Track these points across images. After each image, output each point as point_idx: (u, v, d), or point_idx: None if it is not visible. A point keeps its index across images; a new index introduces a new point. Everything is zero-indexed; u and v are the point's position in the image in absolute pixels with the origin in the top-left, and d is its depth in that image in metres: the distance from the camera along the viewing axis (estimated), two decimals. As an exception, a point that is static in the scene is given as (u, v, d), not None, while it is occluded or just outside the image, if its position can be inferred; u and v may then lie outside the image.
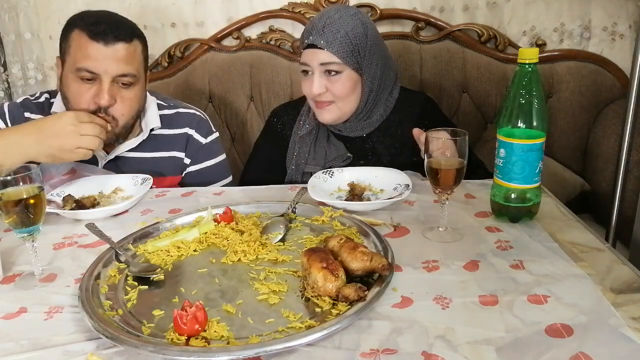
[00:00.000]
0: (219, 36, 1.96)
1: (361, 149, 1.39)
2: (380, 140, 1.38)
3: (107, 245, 0.92)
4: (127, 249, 0.93)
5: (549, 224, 0.97)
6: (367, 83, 1.31)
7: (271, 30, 1.97)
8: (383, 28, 1.93)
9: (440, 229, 0.95)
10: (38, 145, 1.13)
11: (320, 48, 1.26)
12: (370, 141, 1.39)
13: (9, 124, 1.30)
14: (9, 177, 0.82)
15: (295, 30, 1.95)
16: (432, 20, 1.89)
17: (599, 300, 0.71)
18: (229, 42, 1.99)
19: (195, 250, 0.93)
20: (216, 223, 1.00)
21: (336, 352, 0.64)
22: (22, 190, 0.83)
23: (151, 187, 1.30)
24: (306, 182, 1.15)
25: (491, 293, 0.74)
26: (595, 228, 1.47)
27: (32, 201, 0.82)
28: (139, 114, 1.35)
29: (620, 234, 1.52)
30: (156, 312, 0.74)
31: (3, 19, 2.03)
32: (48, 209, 1.01)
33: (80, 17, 1.23)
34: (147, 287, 0.81)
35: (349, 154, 1.37)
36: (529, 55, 0.91)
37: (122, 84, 1.24)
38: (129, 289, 0.81)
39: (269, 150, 1.47)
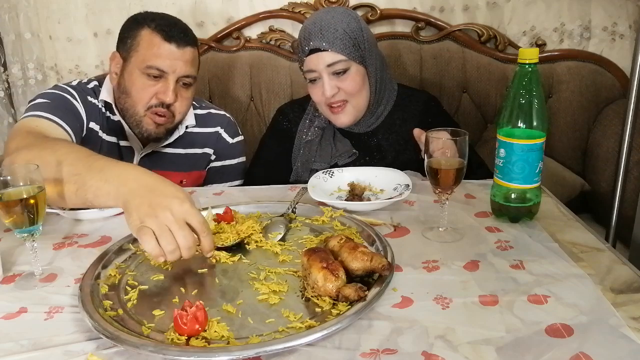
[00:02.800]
0: (219, 36, 1.96)
1: (366, 145, 1.40)
2: (385, 137, 1.39)
3: (107, 245, 0.92)
4: (127, 249, 0.93)
5: (549, 224, 0.97)
6: (373, 74, 1.33)
7: (271, 30, 1.96)
8: (383, 28, 1.93)
9: (440, 229, 0.95)
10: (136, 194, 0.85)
11: (323, 50, 1.26)
12: (376, 138, 1.40)
13: (79, 102, 1.32)
14: (9, 177, 0.82)
15: (295, 30, 1.95)
16: (432, 20, 1.89)
17: (599, 300, 0.71)
18: (229, 42, 1.99)
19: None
20: (216, 223, 1.00)
21: (336, 352, 0.64)
22: (22, 190, 0.83)
23: (181, 183, 1.37)
24: None
25: (491, 293, 0.74)
26: (595, 228, 1.47)
27: (32, 201, 0.82)
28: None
29: (620, 234, 1.52)
30: (156, 312, 0.74)
31: (3, 19, 2.03)
32: (48, 209, 1.00)
33: (150, 18, 1.30)
34: (147, 287, 0.81)
35: (354, 150, 1.38)
36: (529, 55, 0.91)
37: (183, 83, 1.32)
38: (129, 289, 0.81)
39: (275, 147, 1.48)
